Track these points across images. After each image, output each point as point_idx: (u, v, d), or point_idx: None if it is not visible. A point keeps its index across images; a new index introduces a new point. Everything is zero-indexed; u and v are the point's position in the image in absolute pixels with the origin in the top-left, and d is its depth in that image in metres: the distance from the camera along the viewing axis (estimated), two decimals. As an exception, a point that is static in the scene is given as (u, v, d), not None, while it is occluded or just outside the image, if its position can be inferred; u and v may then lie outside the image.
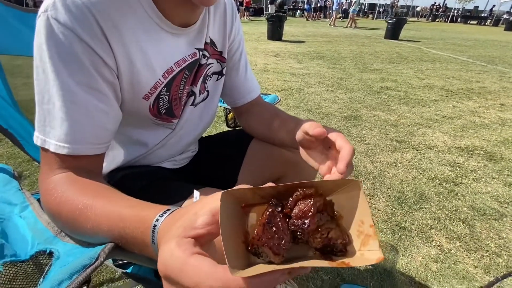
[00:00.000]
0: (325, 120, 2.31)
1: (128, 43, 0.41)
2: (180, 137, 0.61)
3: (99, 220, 0.33)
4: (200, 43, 0.54)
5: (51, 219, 0.40)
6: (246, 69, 0.69)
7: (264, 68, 4.05)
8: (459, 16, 24.06)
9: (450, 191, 1.43)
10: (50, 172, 0.39)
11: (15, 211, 0.46)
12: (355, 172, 1.58)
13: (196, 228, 0.23)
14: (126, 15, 0.41)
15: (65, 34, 0.36)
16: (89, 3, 0.36)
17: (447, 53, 6.03)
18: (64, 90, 0.37)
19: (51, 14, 0.35)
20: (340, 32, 10.13)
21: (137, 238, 0.30)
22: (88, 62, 0.37)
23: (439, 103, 2.83)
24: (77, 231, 0.37)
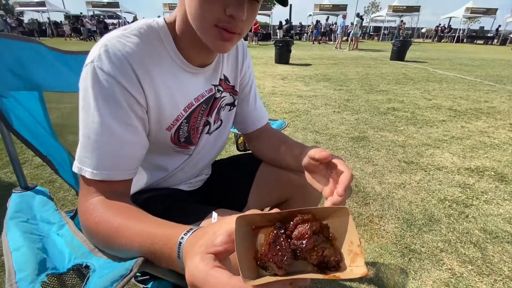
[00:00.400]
0: (332, 141, 2.35)
1: (156, 84, 0.49)
2: (196, 161, 0.67)
3: (132, 238, 0.38)
4: (215, 80, 0.62)
5: (88, 236, 0.46)
6: (256, 99, 0.76)
7: (272, 91, 4.19)
8: (465, 36, 24.34)
9: (461, 213, 1.42)
10: (88, 195, 0.45)
11: (53, 229, 0.52)
12: (363, 194, 1.59)
13: (215, 246, 0.29)
14: (155, 61, 0.49)
15: (107, 81, 0.43)
16: (127, 54, 0.45)
17: (454, 73, 6.07)
18: (104, 126, 0.44)
19: (97, 64, 0.43)
20: (346, 55, 10.40)
21: (165, 253, 0.35)
22: (124, 102, 0.45)
23: (447, 123, 2.84)
24: (112, 247, 0.42)
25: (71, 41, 17.86)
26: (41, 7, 22.14)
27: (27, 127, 0.58)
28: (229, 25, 0.45)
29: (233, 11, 0.43)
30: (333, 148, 2.22)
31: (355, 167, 1.91)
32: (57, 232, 0.51)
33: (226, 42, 0.47)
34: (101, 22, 18.35)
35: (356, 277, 0.27)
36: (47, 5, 22.19)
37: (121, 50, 0.44)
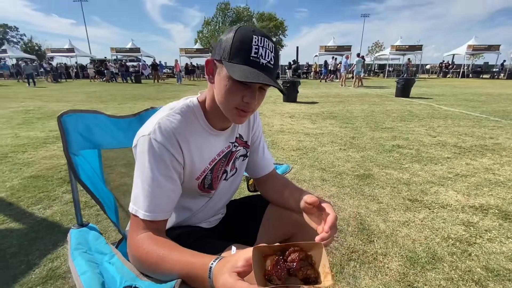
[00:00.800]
0: (338, 178, 2.46)
1: (191, 147, 0.68)
2: (215, 203, 0.83)
3: (174, 264, 0.54)
4: (232, 138, 0.81)
5: (137, 263, 0.60)
6: (264, 150, 0.94)
7: (280, 129, 4.42)
8: (470, 72, 24.86)
9: (464, 251, 1.47)
10: (138, 231, 0.61)
11: (105, 258, 0.66)
12: (368, 231, 1.66)
13: (238, 268, 0.44)
14: (191, 130, 0.69)
15: (159, 148, 0.62)
16: (173, 129, 0.64)
17: (459, 109, 6.21)
18: (154, 179, 0.61)
19: (152, 136, 0.62)
20: (352, 92, 10.81)
21: (199, 275, 0.50)
22: (169, 162, 0.63)
23: (452, 160, 2.92)
24: (157, 272, 0.57)
25: (94, 82, 19.41)
26: (70, 53, 24.59)
27: (88, 177, 0.76)
28: (245, 108, 0.64)
29: (248, 99, 0.63)
30: (339, 185, 2.32)
31: (360, 205, 1.99)
32: (109, 261, 0.65)
33: (242, 118, 0.67)
34: (123, 66, 20.00)
35: (327, 286, 0.41)
36: (76, 51, 24.64)
37: (169, 126, 0.64)
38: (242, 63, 0.59)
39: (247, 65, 0.59)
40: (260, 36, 0.60)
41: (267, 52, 0.60)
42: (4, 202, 2.02)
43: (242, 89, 0.61)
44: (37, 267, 1.36)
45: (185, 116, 0.68)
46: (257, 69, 0.59)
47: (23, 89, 12.82)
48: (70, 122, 0.74)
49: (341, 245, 1.54)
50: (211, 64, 0.65)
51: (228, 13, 37.23)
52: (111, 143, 0.85)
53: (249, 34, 0.60)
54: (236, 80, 0.58)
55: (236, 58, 0.59)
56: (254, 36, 0.59)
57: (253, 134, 0.89)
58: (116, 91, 11.99)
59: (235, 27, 0.63)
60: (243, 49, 0.59)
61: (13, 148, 3.36)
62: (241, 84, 0.60)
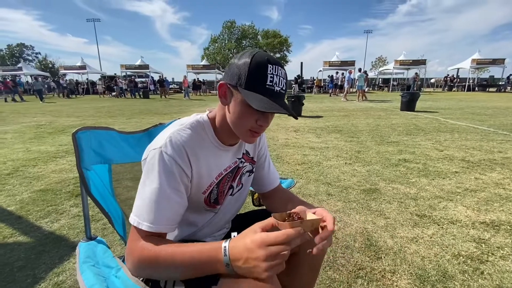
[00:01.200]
0: (344, 193, 2.44)
1: (200, 161, 0.71)
2: (220, 218, 0.84)
3: (184, 256, 0.58)
4: (239, 154, 0.83)
5: (142, 266, 0.61)
6: (269, 166, 0.95)
7: (285, 143, 4.44)
8: (476, 85, 24.79)
9: (476, 269, 1.42)
10: (140, 240, 0.62)
11: (112, 272, 0.68)
12: (375, 248, 1.63)
13: (257, 229, 0.57)
14: (201, 145, 0.72)
15: (169, 160, 0.64)
16: (184, 143, 0.67)
17: (465, 123, 6.16)
18: (161, 191, 0.63)
19: (164, 149, 0.65)
20: (356, 106, 10.86)
21: (211, 258, 0.57)
22: (178, 175, 0.65)
23: (460, 175, 2.87)
24: (167, 269, 0.59)
25: (104, 98, 19.94)
26: (82, 70, 25.49)
27: (98, 191, 0.79)
28: (259, 130, 0.69)
29: (262, 123, 0.68)
30: (345, 200, 2.30)
31: (367, 220, 1.96)
32: (115, 274, 0.66)
33: (254, 138, 0.72)
34: (132, 82, 20.58)
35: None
36: (87, 68, 25.54)
37: (179, 140, 0.67)
38: (258, 91, 0.63)
39: (263, 93, 0.63)
40: (274, 65, 0.64)
41: (280, 80, 0.65)
42: (14, 216, 2.05)
43: (257, 113, 0.66)
44: (43, 281, 1.37)
45: (195, 131, 0.71)
46: (272, 96, 0.64)
47: (35, 105, 13.23)
48: (84, 138, 0.77)
49: (348, 262, 1.51)
50: (224, 88, 0.68)
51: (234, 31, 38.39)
52: (121, 158, 0.88)
53: (264, 62, 0.63)
54: (252, 107, 0.63)
55: (252, 86, 0.63)
56: (269, 66, 0.63)
57: (259, 150, 0.92)
58: (124, 106, 12.28)
59: (248, 53, 0.66)
60: (259, 78, 0.63)
61: (24, 162, 3.44)
62: (256, 110, 0.63)
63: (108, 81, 22.40)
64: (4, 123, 7.00)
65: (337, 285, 1.34)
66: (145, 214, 0.62)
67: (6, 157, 3.68)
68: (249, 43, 38.75)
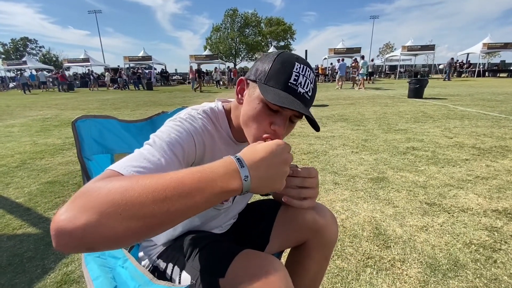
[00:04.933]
0: (351, 182, 2.41)
1: (215, 145, 0.67)
2: (228, 213, 0.82)
3: (178, 174, 0.40)
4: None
5: (116, 195, 0.36)
6: None
7: (290, 132, 4.39)
8: (487, 70, 24.06)
9: (488, 258, 1.39)
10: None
11: (118, 263, 0.66)
12: (384, 236, 1.61)
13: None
14: (218, 133, 0.69)
15: (183, 132, 0.58)
16: (201, 123, 0.63)
17: (476, 109, 6.00)
18: (157, 148, 0.52)
19: (180, 119, 0.61)
20: (362, 94, 10.66)
21: (220, 166, 0.44)
22: (185, 145, 0.56)
23: (471, 162, 2.80)
24: (155, 198, 0.37)
25: (110, 90, 19.98)
26: (85, 62, 25.48)
27: (101, 181, 0.77)
28: (271, 135, 0.58)
29: (276, 127, 0.58)
30: (352, 189, 2.27)
31: (375, 209, 1.93)
32: (122, 265, 0.65)
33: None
34: (135, 74, 20.52)
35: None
36: (91, 60, 25.51)
37: (198, 120, 0.63)
38: (278, 87, 0.56)
39: (283, 90, 0.55)
40: (303, 64, 0.57)
41: (307, 82, 0.57)
42: (22, 207, 2.07)
43: (272, 115, 0.58)
44: (52, 272, 1.38)
45: (210, 118, 0.68)
46: (294, 96, 0.55)
47: (41, 98, 13.33)
48: (84, 127, 0.75)
49: (356, 251, 1.49)
50: (243, 84, 0.63)
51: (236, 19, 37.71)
52: (123, 147, 0.86)
53: (292, 60, 0.57)
54: (267, 104, 0.56)
55: (273, 81, 0.56)
56: (297, 63, 0.57)
57: None
58: (128, 98, 12.29)
59: (276, 52, 0.60)
60: (282, 73, 0.56)
61: (31, 155, 3.47)
62: (272, 110, 0.57)
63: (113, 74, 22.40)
64: (11, 116, 7.08)
65: (345, 274, 1.32)
66: (120, 162, 0.47)
67: (14, 150, 3.72)
68: (252, 31, 38.08)
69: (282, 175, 0.49)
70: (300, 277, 0.82)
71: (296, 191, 0.62)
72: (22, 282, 1.31)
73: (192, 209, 0.40)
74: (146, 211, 0.36)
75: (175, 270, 0.69)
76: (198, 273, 0.63)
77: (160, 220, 0.37)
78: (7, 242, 1.65)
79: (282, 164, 0.48)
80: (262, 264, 0.56)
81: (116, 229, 0.35)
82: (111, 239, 0.35)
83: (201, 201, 0.40)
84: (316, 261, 0.82)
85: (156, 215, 0.37)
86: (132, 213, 0.35)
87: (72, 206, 0.35)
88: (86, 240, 0.34)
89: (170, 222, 0.39)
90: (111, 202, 0.35)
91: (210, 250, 0.67)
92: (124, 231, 0.35)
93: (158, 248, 0.78)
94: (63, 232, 0.34)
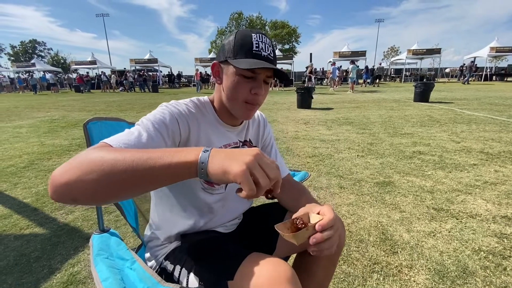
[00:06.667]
0: (357, 186, 2.39)
1: (201, 129, 0.72)
2: (228, 209, 0.82)
3: (138, 151, 0.46)
4: (241, 138, 0.84)
5: (106, 163, 0.43)
6: (276, 156, 0.93)
7: (295, 136, 4.38)
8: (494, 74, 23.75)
9: (498, 265, 1.36)
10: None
11: (126, 264, 0.66)
12: (391, 242, 1.59)
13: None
14: (202, 115, 0.74)
15: (167, 113, 0.66)
16: (186, 107, 0.70)
17: (483, 114, 5.92)
18: (143, 127, 0.59)
19: (166, 104, 0.69)
20: (368, 98, 10.61)
21: (188, 150, 0.46)
22: (170, 127, 0.64)
23: (479, 167, 2.76)
24: (137, 163, 0.43)
25: (116, 92, 20.21)
26: (93, 65, 25.84)
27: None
28: (254, 100, 0.70)
29: (256, 90, 0.69)
30: (358, 193, 2.25)
31: (382, 214, 1.91)
32: (130, 267, 0.65)
33: (250, 111, 0.72)
34: (141, 76, 20.73)
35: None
36: (98, 63, 25.88)
37: (182, 105, 0.70)
38: (246, 57, 0.65)
39: (250, 57, 0.65)
40: (258, 33, 0.68)
41: (266, 46, 0.68)
42: (30, 208, 2.10)
43: (249, 81, 0.68)
44: (58, 272, 1.39)
45: (196, 105, 0.75)
46: (261, 60, 0.66)
47: (49, 99, 13.53)
48: (94, 129, 0.75)
49: (362, 256, 1.47)
50: (217, 67, 0.72)
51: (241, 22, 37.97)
52: (132, 149, 0.86)
53: (248, 33, 0.67)
54: (243, 74, 0.66)
55: (240, 54, 0.66)
56: (253, 34, 0.67)
57: (264, 140, 0.92)
58: (134, 100, 12.42)
59: (234, 31, 0.71)
60: (245, 45, 0.66)
61: (39, 155, 3.52)
62: (248, 78, 0.67)
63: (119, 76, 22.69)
64: (19, 117, 7.19)
65: (351, 279, 1.31)
66: (118, 137, 0.55)
67: (22, 150, 3.78)
68: (257, 35, 38.16)
69: (241, 160, 0.44)
70: (306, 282, 0.81)
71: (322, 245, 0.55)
72: (28, 282, 1.32)
73: (155, 175, 0.44)
74: (116, 172, 0.43)
75: (182, 272, 0.69)
76: (205, 276, 0.63)
77: (129, 181, 0.44)
78: (14, 242, 1.67)
79: (246, 153, 0.46)
80: (272, 268, 0.55)
81: (92, 185, 0.43)
82: (88, 193, 0.43)
83: (162, 168, 0.44)
84: (323, 267, 0.81)
85: (126, 176, 0.43)
86: (105, 173, 0.43)
87: (65, 164, 0.45)
88: (69, 192, 0.43)
89: (137, 183, 0.45)
90: (91, 164, 0.43)
91: (218, 253, 0.67)
92: (99, 187, 0.43)
93: (165, 249, 0.78)
94: (54, 183, 0.43)
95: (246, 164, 0.43)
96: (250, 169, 0.43)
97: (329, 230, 0.54)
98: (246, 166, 0.43)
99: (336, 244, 0.57)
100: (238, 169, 0.43)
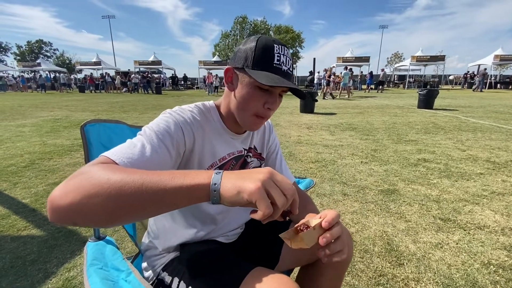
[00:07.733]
0: (361, 193, 2.34)
1: (205, 137, 0.68)
2: (229, 221, 0.79)
3: (168, 173, 0.43)
4: (245, 145, 0.80)
5: (102, 178, 0.41)
6: (281, 163, 0.90)
7: (298, 140, 4.34)
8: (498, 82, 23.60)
9: (508, 280, 1.31)
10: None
11: (121, 276, 0.62)
12: (396, 253, 1.54)
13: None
14: (207, 121, 0.70)
15: (171, 121, 0.62)
16: (190, 114, 0.66)
17: (488, 122, 5.85)
18: (146, 137, 0.56)
19: (170, 112, 0.65)
20: (371, 103, 10.56)
21: (199, 173, 0.43)
22: (174, 135, 0.60)
23: (486, 177, 2.70)
24: (146, 185, 0.40)
25: (119, 92, 20.33)
26: (97, 65, 26.05)
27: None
28: (265, 114, 0.66)
29: (270, 105, 0.65)
30: (362, 201, 2.20)
31: (387, 223, 1.86)
32: (125, 279, 0.61)
33: (259, 124, 0.69)
34: (145, 78, 20.83)
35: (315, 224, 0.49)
36: (102, 64, 26.08)
37: (187, 112, 0.66)
38: (266, 70, 0.62)
39: (270, 71, 0.62)
40: (280, 45, 0.64)
41: (287, 60, 0.64)
42: (28, 208, 2.07)
43: (264, 95, 0.64)
44: (54, 276, 1.35)
45: (201, 110, 0.70)
46: (280, 75, 0.62)
47: (53, 99, 13.61)
48: (92, 132, 0.72)
49: (367, 267, 1.42)
50: (231, 72, 0.67)
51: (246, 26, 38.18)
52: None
53: (271, 43, 0.63)
54: (259, 86, 0.62)
55: (259, 66, 0.62)
56: (275, 45, 0.63)
57: (269, 146, 0.88)
58: (137, 101, 12.45)
59: (254, 37, 0.65)
60: (266, 57, 0.62)
61: (40, 155, 3.51)
62: (264, 90, 0.64)
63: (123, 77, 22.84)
64: (23, 116, 7.22)
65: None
66: (121, 152, 0.50)
67: (23, 149, 3.77)
68: (261, 39, 38.31)
69: (256, 179, 0.42)
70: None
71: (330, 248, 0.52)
72: (23, 286, 1.29)
73: (164, 198, 0.41)
74: (124, 195, 0.40)
75: (181, 285, 0.65)
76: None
77: (136, 206, 0.41)
78: (11, 243, 1.63)
79: (260, 172, 0.44)
80: (275, 286, 0.52)
81: (96, 209, 0.39)
82: (91, 218, 0.40)
83: (172, 190, 0.41)
84: (329, 280, 0.77)
85: (134, 201, 0.40)
86: (111, 197, 0.39)
87: (66, 185, 0.41)
88: (70, 215, 0.39)
89: (144, 207, 0.41)
90: (96, 186, 0.39)
91: (219, 266, 0.63)
92: (103, 213, 0.39)
93: (163, 259, 0.74)
94: (53, 206, 0.39)
95: (261, 182, 0.41)
96: (266, 187, 0.41)
97: (337, 226, 0.51)
98: (261, 184, 0.41)
99: (346, 246, 0.53)
100: (253, 186, 0.40)
